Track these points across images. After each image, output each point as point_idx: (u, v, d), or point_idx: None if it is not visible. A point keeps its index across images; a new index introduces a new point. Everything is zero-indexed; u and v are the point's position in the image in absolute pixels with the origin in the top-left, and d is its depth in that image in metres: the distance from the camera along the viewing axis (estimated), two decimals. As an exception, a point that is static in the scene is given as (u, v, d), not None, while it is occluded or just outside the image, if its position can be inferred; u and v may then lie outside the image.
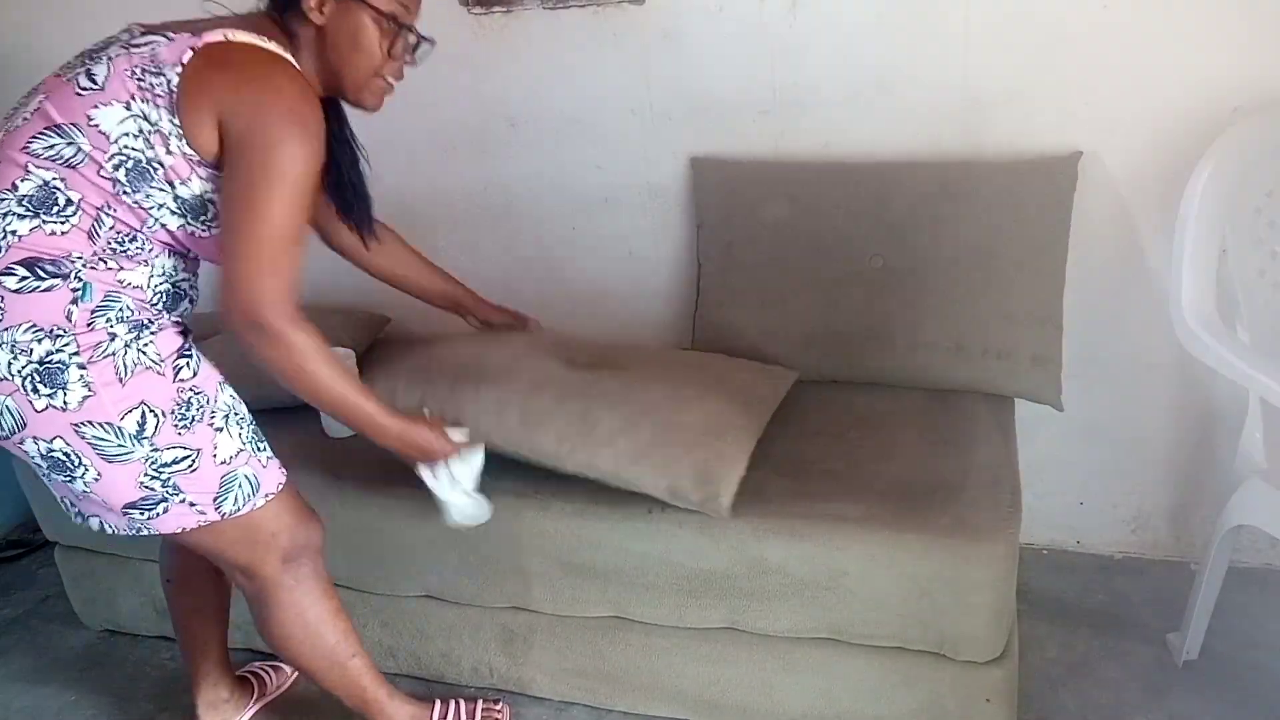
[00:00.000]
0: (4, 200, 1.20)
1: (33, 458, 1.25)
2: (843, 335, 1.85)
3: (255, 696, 1.78)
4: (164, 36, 1.22)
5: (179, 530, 1.32)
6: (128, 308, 1.26)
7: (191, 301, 1.37)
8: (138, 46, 1.22)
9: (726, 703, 1.63)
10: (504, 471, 1.64)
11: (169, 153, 1.20)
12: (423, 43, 1.35)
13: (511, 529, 1.59)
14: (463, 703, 1.70)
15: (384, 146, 2.22)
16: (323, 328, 1.98)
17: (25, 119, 1.23)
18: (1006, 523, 1.44)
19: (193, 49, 1.20)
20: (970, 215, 1.78)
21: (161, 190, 1.22)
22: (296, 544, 1.42)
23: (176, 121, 1.19)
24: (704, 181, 2.01)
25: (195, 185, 1.24)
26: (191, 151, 1.21)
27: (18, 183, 1.20)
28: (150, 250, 1.27)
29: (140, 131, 1.19)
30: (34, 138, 1.20)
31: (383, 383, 1.65)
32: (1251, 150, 1.60)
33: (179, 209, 1.25)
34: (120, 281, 1.25)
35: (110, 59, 1.21)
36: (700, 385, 1.61)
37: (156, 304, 1.29)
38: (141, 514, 1.29)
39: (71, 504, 1.35)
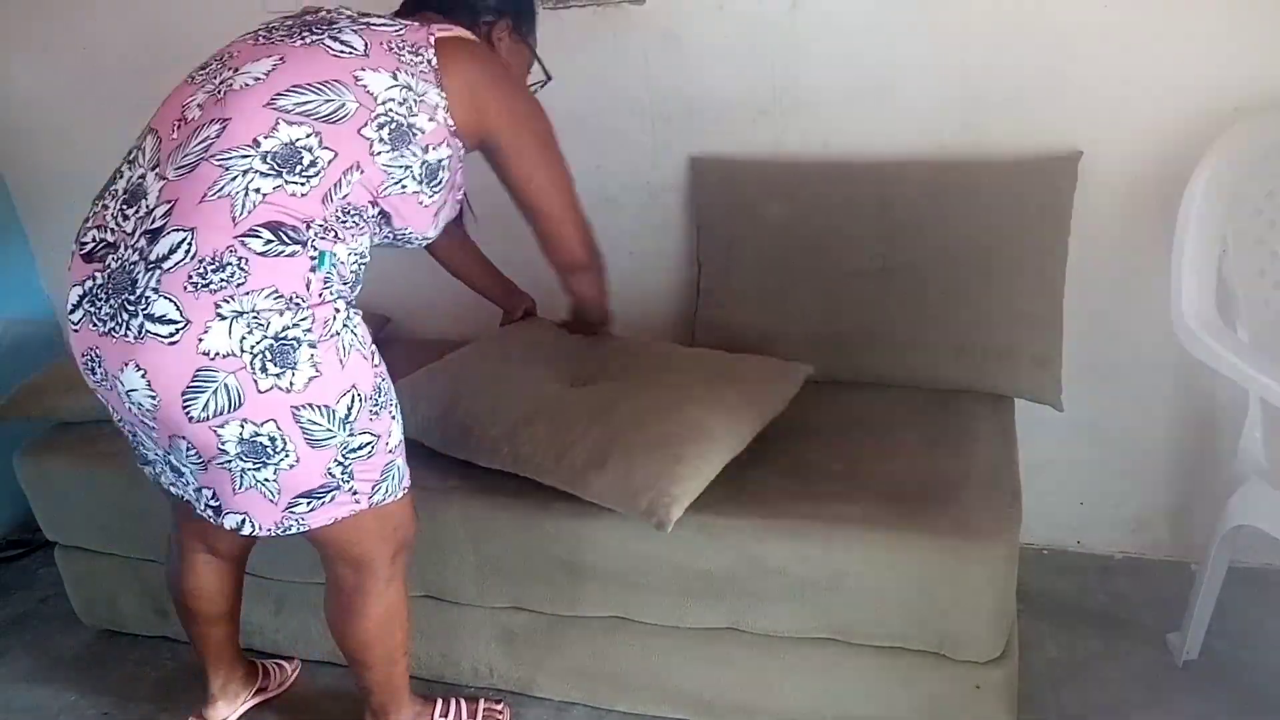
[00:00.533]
0: (247, 156, 1.18)
1: (224, 443, 1.19)
2: (843, 335, 1.85)
3: (258, 685, 1.79)
4: (396, 21, 1.35)
5: (329, 522, 1.30)
6: (340, 282, 1.25)
7: (362, 287, 1.35)
8: (376, 26, 1.32)
9: (727, 703, 1.63)
10: (503, 472, 1.64)
11: (431, 120, 1.29)
12: (546, 82, 1.61)
13: (511, 529, 1.60)
14: (464, 702, 1.71)
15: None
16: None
17: (257, 79, 1.22)
18: (1006, 523, 1.44)
19: (432, 36, 1.33)
20: (970, 215, 1.78)
21: (414, 154, 1.28)
22: (408, 539, 1.45)
23: (444, 95, 1.30)
24: (704, 181, 2.01)
25: (441, 151, 1.32)
26: (452, 123, 1.32)
27: (261, 139, 1.18)
28: (360, 227, 1.27)
29: (404, 100, 1.26)
30: (280, 94, 1.21)
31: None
32: (1252, 150, 1.59)
33: (420, 174, 1.31)
34: (334, 254, 1.23)
35: (357, 31, 1.29)
36: (695, 394, 1.59)
37: (349, 282, 1.28)
38: (307, 504, 1.27)
39: (214, 498, 1.29)
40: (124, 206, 1.22)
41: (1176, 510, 2.01)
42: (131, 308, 1.15)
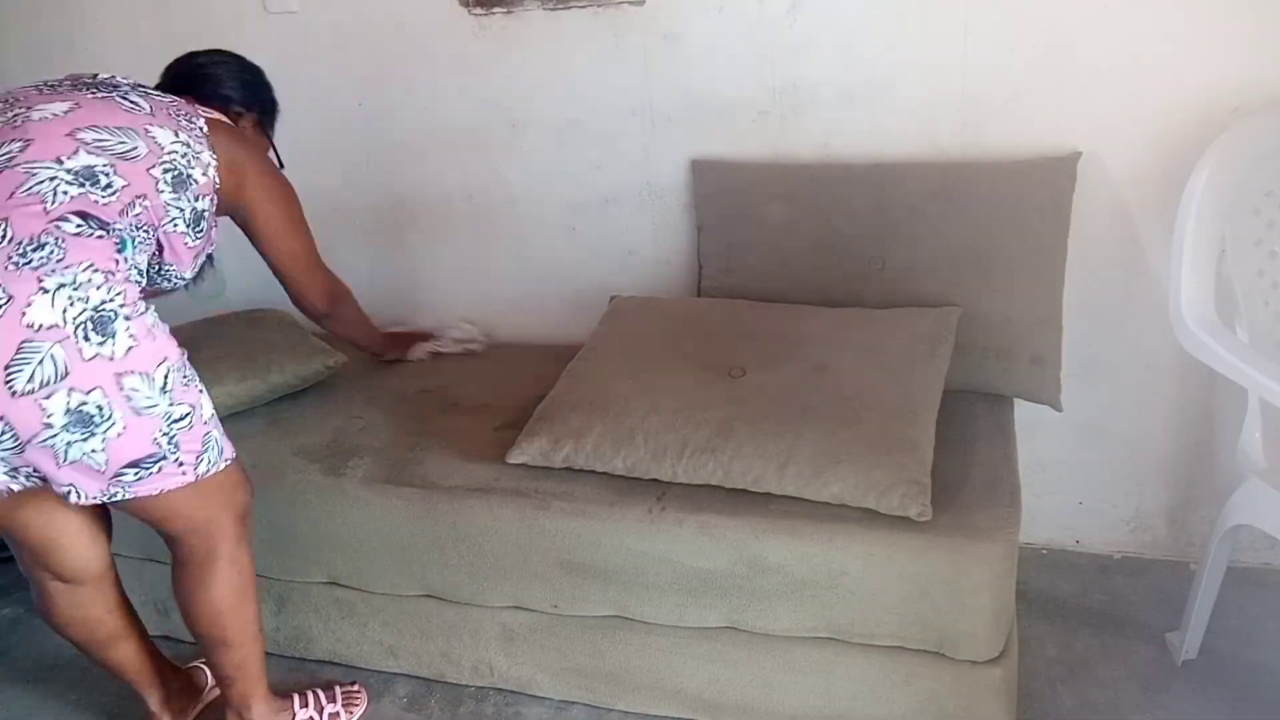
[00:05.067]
0: (52, 168, 1.30)
1: (49, 416, 1.22)
2: (843, 335, 1.85)
3: (206, 691, 1.80)
4: (170, 96, 1.52)
5: (157, 492, 1.36)
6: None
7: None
8: (154, 96, 1.49)
9: (726, 702, 1.63)
10: (503, 471, 1.64)
11: (203, 175, 1.47)
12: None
13: (512, 528, 1.60)
14: (320, 690, 1.75)
15: (385, 147, 2.23)
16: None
17: (55, 115, 1.36)
18: (1006, 522, 1.44)
19: (205, 116, 1.53)
20: (970, 216, 1.78)
21: (187, 200, 1.44)
22: (248, 501, 1.52)
23: (215, 157, 1.49)
24: (704, 183, 2.01)
25: (205, 204, 1.49)
26: (217, 180, 1.50)
27: (64, 158, 1.32)
28: (147, 245, 1.40)
29: (185, 154, 1.45)
30: (81, 129, 1.35)
31: (539, 437, 1.63)
32: (1251, 150, 1.60)
33: (189, 218, 1.46)
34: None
35: (141, 96, 1.46)
36: (871, 366, 1.61)
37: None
38: (135, 474, 1.32)
39: (33, 472, 1.31)
40: None
41: (1175, 510, 2.01)
42: None
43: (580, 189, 2.13)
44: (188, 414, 1.36)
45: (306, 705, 1.71)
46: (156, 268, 1.46)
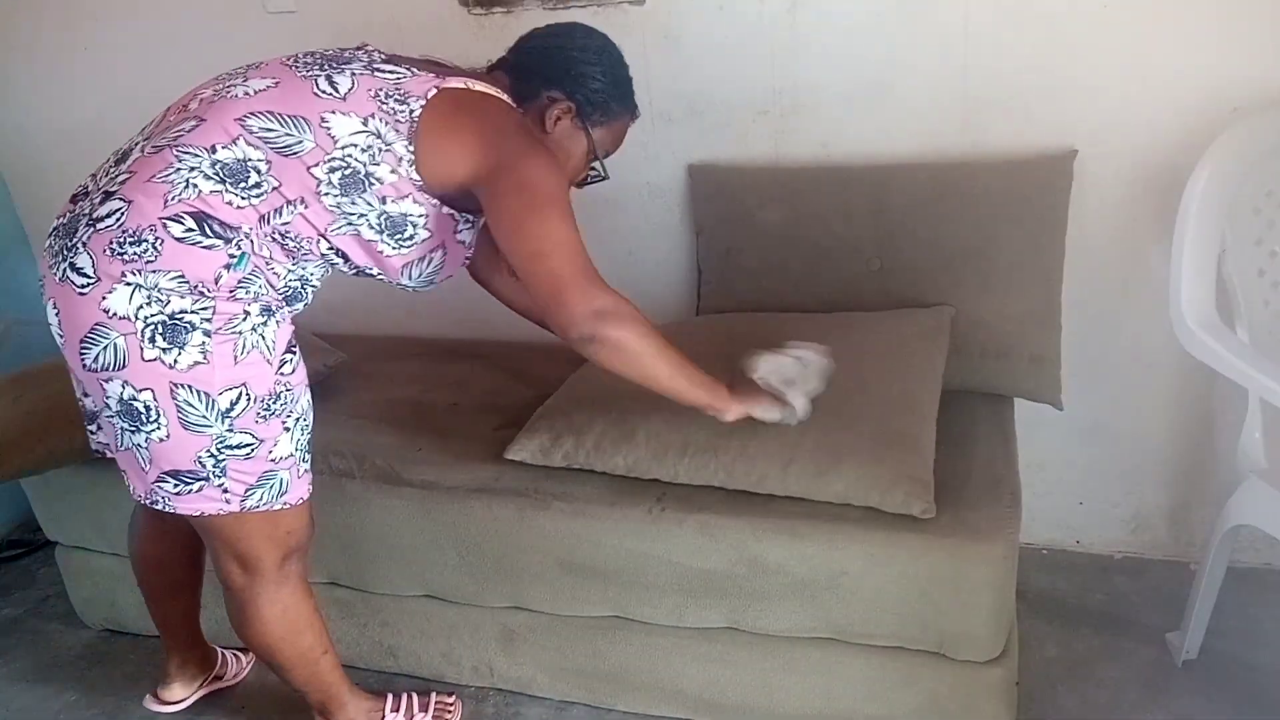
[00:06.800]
0: (198, 156, 1.25)
1: (109, 398, 1.26)
2: (843, 336, 1.85)
3: (215, 670, 1.84)
4: (409, 70, 1.34)
5: (195, 514, 1.34)
6: (264, 287, 1.30)
7: (306, 305, 1.41)
8: (383, 72, 1.33)
9: (726, 702, 1.63)
10: (503, 471, 1.64)
11: (393, 173, 1.29)
12: (599, 179, 1.52)
13: (511, 529, 1.60)
14: (415, 696, 1.73)
15: (384, 147, 2.23)
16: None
17: (247, 93, 1.29)
18: (1006, 522, 1.44)
19: (437, 88, 1.31)
20: (968, 216, 1.78)
21: (369, 203, 1.30)
22: (301, 544, 1.46)
23: (411, 149, 1.29)
24: (702, 187, 2.01)
25: (407, 206, 1.32)
26: (418, 178, 1.30)
27: (219, 147, 1.26)
28: (306, 254, 1.33)
29: (369, 147, 1.28)
30: (253, 114, 1.27)
31: (539, 433, 1.63)
32: (1251, 150, 1.60)
33: (378, 224, 1.33)
34: (266, 262, 1.30)
35: (355, 75, 1.31)
36: (872, 368, 1.60)
37: (284, 293, 1.34)
38: (174, 486, 1.31)
39: (106, 442, 1.38)
40: (112, 166, 1.31)
41: (1176, 510, 2.01)
42: (67, 253, 1.25)
43: (580, 189, 2.13)
44: (249, 445, 1.30)
45: (398, 710, 1.70)
46: (357, 272, 1.39)
